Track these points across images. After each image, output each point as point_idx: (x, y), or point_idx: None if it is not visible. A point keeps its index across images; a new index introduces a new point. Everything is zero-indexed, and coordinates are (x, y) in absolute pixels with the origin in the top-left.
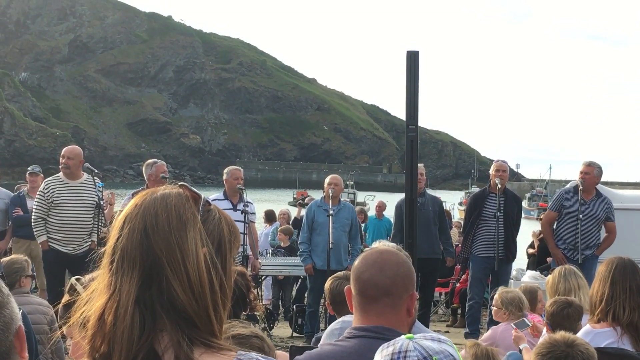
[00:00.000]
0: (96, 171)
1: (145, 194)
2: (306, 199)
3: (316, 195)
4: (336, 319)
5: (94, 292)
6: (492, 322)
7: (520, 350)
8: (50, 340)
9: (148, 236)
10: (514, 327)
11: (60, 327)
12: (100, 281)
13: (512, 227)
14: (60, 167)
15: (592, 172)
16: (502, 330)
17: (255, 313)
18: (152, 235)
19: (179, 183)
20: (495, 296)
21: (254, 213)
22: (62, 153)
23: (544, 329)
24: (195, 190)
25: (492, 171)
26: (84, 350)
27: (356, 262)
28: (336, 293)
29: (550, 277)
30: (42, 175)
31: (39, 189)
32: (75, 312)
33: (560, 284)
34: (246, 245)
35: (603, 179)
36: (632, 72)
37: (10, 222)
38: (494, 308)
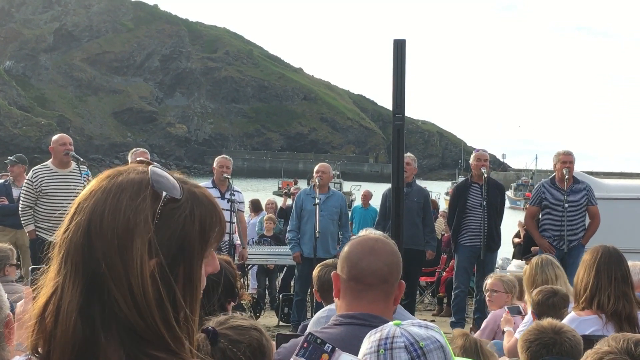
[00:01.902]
0: (82, 160)
1: (107, 175)
2: (292, 189)
3: (304, 185)
4: (323, 307)
5: (41, 287)
6: (478, 311)
7: (503, 332)
8: None
9: (90, 239)
10: (507, 310)
11: None
12: (47, 276)
13: (495, 216)
14: (64, 154)
15: (573, 160)
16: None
17: (241, 302)
18: (93, 239)
19: (149, 167)
20: (492, 281)
21: (242, 202)
22: (64, 140)
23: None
24: (158, 184)
25: (472, 161)
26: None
27: (348, 248)
28: (324, 281)
29: (527, 267)
30: (19, 164)
31: (27, 178)
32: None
33: (537, 276)
34: (233, 234)
35: (588, 168)
36: (618, 63)
37: None
38: (494, 293)
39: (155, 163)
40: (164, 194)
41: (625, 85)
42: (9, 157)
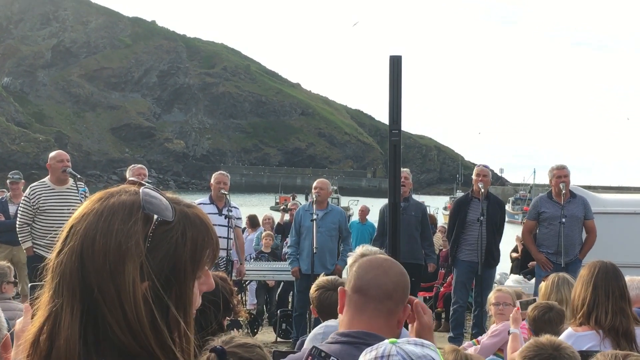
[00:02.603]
0: (79, 176)
1: (100, 197)
2: (289, 205)
3: (303, 200)
4: (321, 323)
5: (36, 311)
6: (476, 326)
7: (509, 333)
8: None
9: (83, 263)
10: (518, 305)
11: None
12: (42, 300)
13: (495, 232)
14: (61, 171)
15: (568, 173)
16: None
17: (238, 318)
18: (86, 263)
19: (141, 189)
20: (501, 294)
21: (239, 218)
22: (61, 157)
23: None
24: (149, 206)
25: (474, 176)
26: None
27: (357, 264)
28: (323, 304)
29: (543, 284)
30: (22, 181)
31: (24, 195)
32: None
33: (552, 294)
34: (230, 249)
35: (585, 182)
36: (614, 77)
37: None
38: (506, 306)
39: (147, 184)
40: (155, 216)
41: (622, 99)
42: (10, 174)
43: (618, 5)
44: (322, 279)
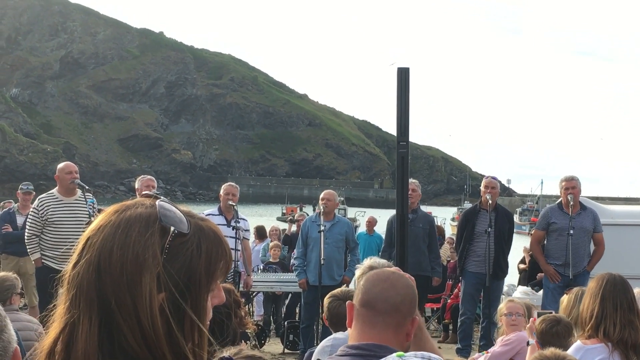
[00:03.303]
0: (87, 187)
1: (116, 210)
2: (296, 216)
3: (310, 211)
4: (329, 335)
5: (51, 323)
6: (484, 338)
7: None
8: None
9: (100, 275)
10: (535, 316)
11: None
12: (57, 311)
13: (503, 244)
14: (70, 182)
15: (576, 185)
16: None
17: (246, 330)
18: (103, 275)
19: (157, 202)
20: (513, 305)
21: (247, 230)
22: (69, 169)
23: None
24: (166, 219)
25: (482, 188)
26: None
27: (365, 278)
28: (334, 313)
29: (565, 297)
30: (34, 193)
31: (33, 206)
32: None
33: (574, 309)
34: (238, 261)
35: (592, 193)
36: (622, 88)
37: None
38: (519, 317)
39: (162, 197)
40: (172, 228)
41: (629, 109)
42: (22, 184)
43: (624, 15)
44: (337, 289)
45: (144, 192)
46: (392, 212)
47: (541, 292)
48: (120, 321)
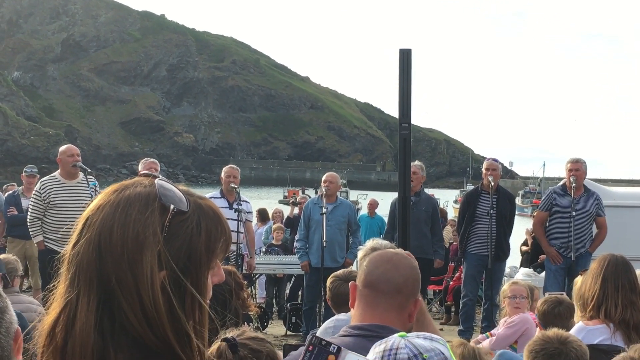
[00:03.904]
0: (89, 170)
1: (115, 189)
2: (298, 198)
3: (313, 194)
4: (331, 316)
5: (51, 303)
6: (486, 320)
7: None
8: None
9: (100, 254)
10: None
11: None
12: (57, 292)
13: (504, 225)
14: (72, 165)
15: (581, 167)
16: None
17: (249, 312)
18: (104, 254)
19: (156, 180)
20: (517, 287)
21: (250, 212)
22: (71, 151)
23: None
24: (165, 197)
25: (483, 169)
26: None
27: (368, 259)
28: (335, 293)
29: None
30: (38, 175)
31: (35, 189)
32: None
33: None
34: (240, 244)
35: (596, 176)
36: (625, 70)
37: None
38: (522, 299)
39: (160, 176)
40: (172, 206)
41: (633, 91)
42: (26, 167)
43: None
44: (339, 271)
45: (142, 172)
46: (394, 194)
47: (543, 274)
48: (122, 299)
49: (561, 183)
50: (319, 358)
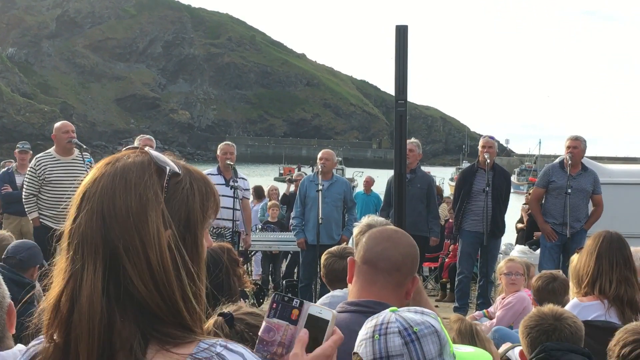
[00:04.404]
0: (85, 147)
1: (107, 162)
2: (294, 175)
3: (309, 171)
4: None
5: (52, 279)
6: (481, 297)
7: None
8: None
9: (105, 221)
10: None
11: None
12: (58, 267)
13: (500, 202)
14: (67, 141)
15: (579, 145)
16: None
17: (245, 289)
18: (108, 221)
19: (143, 149)
20: (513, 264)
21: (247, 189)
22: (66, 128)
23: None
24: (159, 160)
25: (479, 147)
26: None
27: (367, 234)
28: (330, 269)
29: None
30: (31, 152)
31: (30, 166)
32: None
33: None
34: (237, 220)
35: (592, 153)
36: (622, 48)
37: None
38: (518, 276)
39: (146, 148)
40: (168, 168)
41: (630, 69)
42: (18, 144)
43: None
44: (334, 247)
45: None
46: (390, 172)
47: (538, 251)
48: (128, 265)
49: (558, 160)
50: (284, 313)
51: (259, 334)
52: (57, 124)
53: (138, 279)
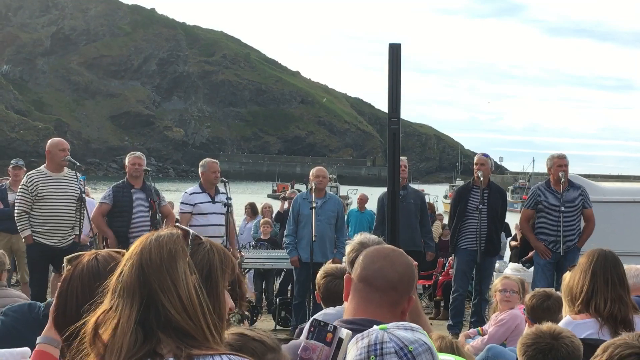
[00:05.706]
0: (78, 164)
1: (146, 236)
2: (287, 193)
3: (303, 188)
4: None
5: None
6: (475, 315)
7: None
8: None
9: (143, 270)
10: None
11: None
12: (103, 307)
13: (496, 221)
14: (62, 159)
15: (568, 162)
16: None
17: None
18: (146, 269)
19: (175, 225)
20: (508, 282)
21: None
22: (63, 146)
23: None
24: (185, 228)
25: (474, 164)
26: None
27: (364, 252)
28: (330, 292)
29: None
30: (25, 169)
31: (22, 183)
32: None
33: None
34: (225, 236)
35: (585, 171)
36: (615, 66)
37: None
38: (513, 294)
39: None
40: (191, 232)
41: (623, 88)
42: (13, 160)
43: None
44: (329, 266)
45: (130, 159)
46: (385, 189)
47: (532, 269)
48: (164, 300)
49: (545, 181)
50: (320, 335)
51: (298, 352)
52: (52, 140)
53: (173, 309)
